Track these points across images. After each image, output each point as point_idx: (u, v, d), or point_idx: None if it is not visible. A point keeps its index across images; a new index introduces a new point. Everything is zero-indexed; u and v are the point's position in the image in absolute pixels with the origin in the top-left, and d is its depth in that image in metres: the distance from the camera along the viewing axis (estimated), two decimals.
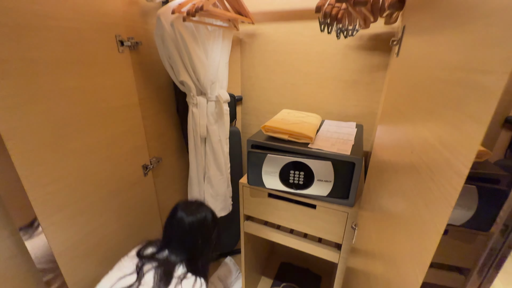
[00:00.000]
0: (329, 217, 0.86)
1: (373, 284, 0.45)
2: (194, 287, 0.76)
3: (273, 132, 0.89)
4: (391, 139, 0.45)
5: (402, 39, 0.50)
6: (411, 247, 0.29)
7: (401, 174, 0.36)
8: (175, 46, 0.94)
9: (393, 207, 0.39)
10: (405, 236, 0.31)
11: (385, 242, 0.41)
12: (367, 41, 1.04)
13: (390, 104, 0.50)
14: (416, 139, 0.32)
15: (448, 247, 0.26)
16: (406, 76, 0.41)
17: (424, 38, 0.35)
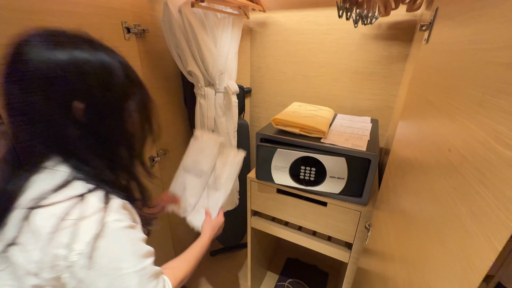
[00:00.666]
0: (340, 216, 0.82)
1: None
2: (102, 233, 0.39)
3: (284, 125, 0.85)
4: (418, 135, 0.41)
5: (434, 23, 0.44)
6: (448, 258, 0.25)
7: (434, 174, 0.31)
8: (183, 34, 0.90)
9: (419, 211, 0.35)
10: (438, 245, 0.27)
11: (408, 247, 0.37)
12: (386, 30, 0.98)
13: (417, 96, 0.45)
14: (456, 134, 0.28)
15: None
16: (441, 64, 0.36)
17: (468, 16, 0.30)
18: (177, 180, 0.87)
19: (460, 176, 0.25)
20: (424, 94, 0.41)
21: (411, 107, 0.48)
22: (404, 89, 0.90)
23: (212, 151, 0.85)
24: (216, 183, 0.83)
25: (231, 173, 0.83)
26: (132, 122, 0.48)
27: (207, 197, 0.84)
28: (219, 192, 0.82)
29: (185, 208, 0.84)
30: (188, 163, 0.87)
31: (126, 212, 0.44)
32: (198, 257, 0.63)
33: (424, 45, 0.48)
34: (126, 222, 0.42)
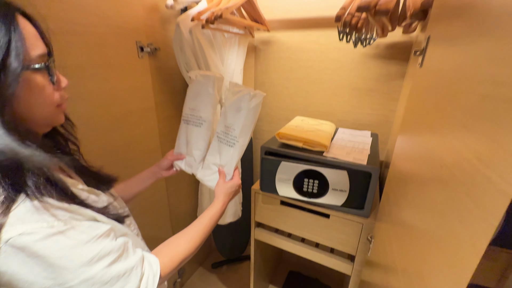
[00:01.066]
0: (343, 228, 0.84)
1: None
2: None
3: (287, 139, 0.89)
4: (415, 151, 0.44)
5: (427, 50, 0.49)
6: (444, 265, 0.28)
7: (430, 187, 0.35)
8: (192, 52, 0.96)
9: (419, 221, 0.38)
10: (436, 254, 0.30)
11: (410, 257, 0.40)
12: (384, 49, 1.04)
13: (413, 114, 0.49)
14: (447, 152, 0.31)
15: (485, 268, 0.25)
16: (433, 87, 0.40)
17: (455, 49, 0.34)
18: (180, 135, 0.81)
19: (450, 189, 0.28)
20: (420, 113, 0.45)
21: (409, 124, 0.51)
22: (402, 105, 0.94)
23: (207, 92, 0.75)
24: (229, 136, 0.72)
25: (247, 122, 0.70)
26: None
27: (219, 153, 0.75)
28: (233, 149, 0.71)
29: (190, 163, 0.78)
30: (186, 112, 0.80)
31: (50, 214, 0.33)
32: (206, 229, 0.57)
33: (418, 68, 0.52)
34: (47, 230, 0.32)
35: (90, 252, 0.35)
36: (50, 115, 0.39)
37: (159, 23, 0.99)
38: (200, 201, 1.31)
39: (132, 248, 0.43)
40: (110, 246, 0.38)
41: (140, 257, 0.43)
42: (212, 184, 0.74)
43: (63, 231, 0.34)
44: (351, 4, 0.70)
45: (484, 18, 0.28)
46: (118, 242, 0.40)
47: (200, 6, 0.96)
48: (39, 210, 0.33)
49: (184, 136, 0.81)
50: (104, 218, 0.42)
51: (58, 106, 0.40)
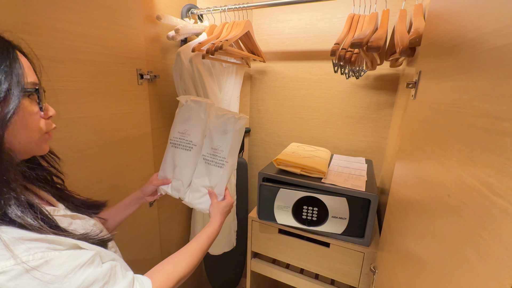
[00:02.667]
0: (343, 257, 0.82)
1: None
2: None
3: (285, 165, 0.89)
4: (416, 179, 0.45)
5: (419, 83, 0.52)
6: None
7: (438, 217, 0.35)
8: (192, 80, 0.99)
9: (429, 252, 0.37)
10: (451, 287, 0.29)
11: None
12: (373, 81, 1.10)
13: (410, 143, 0.51)
14: (453, 182, 0.32)
15: None
16: (430, 119, 0.42)
17: (448, 84, 0.37)
18: (166, 159, 0.79)
19: (462, 220, 0.29)
20: (417, 143, 0.46)
21: (406, 153, 0.53)
22: (393, 133, 0.98)
23: (199, 117, 0.76)
24: (218, 158, 0.74)
25: (234, 143, 0.73)
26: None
27: (207, 175, 0.75)
28: (223, 169, 0.73)
29: (178, 188, 0.77)
30: (175, 136, 0.79)
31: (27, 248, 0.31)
32: (203, 248, 0.57)
33: (411, 100, 0.55)
34: (18, 268, 0.29)
35: (72, 285, 0.33)
36: (33, 141, 0.40)
37: (160, 52, 1.02)
38: (193, 229, 1.25)
39: (121, 271, 0.41)
40: (95, 274, 0.36)
41: (131, 279, 0.41)
42: (203, 206, 0.73)
43: (38, 266, 0.31)
44: (344, 39, 0.75)
45: (474, 57, 0.31)
46: (104, 268, 0.38)
47: (200, 38, 1.00)
48: (10, 245, 0.30)
49: (171, 159, 0.79)
50: (87, 244, 0.39)
51: (44, 135, 0.41)
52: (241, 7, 0.98)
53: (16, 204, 0.33)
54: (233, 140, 0.74)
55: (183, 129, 0.79)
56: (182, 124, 0.79)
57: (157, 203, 1.11)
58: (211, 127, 0.77)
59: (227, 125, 0.74)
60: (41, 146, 0.41)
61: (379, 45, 0.65)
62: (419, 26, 0.63)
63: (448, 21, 0.42)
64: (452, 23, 0.40)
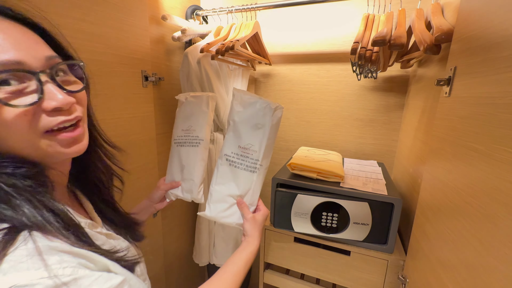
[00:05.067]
0: (365, 266, 0.78)
1: None
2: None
3: (300, 170, 0.85)
4: (466, 179, 0.42)
5: (454, 80, 0.50)
6: None
7: (503, 218, 0.31)
8: (199, 83, 0.94)
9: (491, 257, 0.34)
10: None
11: None
12: (382, 83, 1.09)
13: (451, 143, 0.48)
14: None
15: None
16: (479, 114, 0.40)
17: (508, 75, 0.34)
18: (172, 161, 0.73)
19: None
20: (463, 142, 0.43)
21: (445, 154, 0.50)
22: (407, 135, 0.96)
23: (202, 110, 0.70)
24: (248, 160, 0.59)
25: (270, 141, 0.59)
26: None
27: (234, 180, 0.61)
28: (256, 174, 0.60)
29: (190, 189, 0.69)
30: (179, 134, 0.72)
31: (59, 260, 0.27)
32: (242, 276, 0.48)
33: (444, 97, 0.53)
34: (46, 282, 0.25)
35: None
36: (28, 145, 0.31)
37: (164, 54, 0.98)
38: (198, 240, 1.18)
39: None
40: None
41: None
42: (231, 220, 0.62)
43: (67, 283, 0.26)
44: (363, 38, 0.73)
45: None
46: None
47: (207, 39, 0.97)
48: (42, 254, 0.26)
49: (177, 160, 0.73)
50: (118, 267, 0.35)
51: (45, 134, 0.32)
52: (249, 8, 0.96)
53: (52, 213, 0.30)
54: (269, 138, 0.59)
55: (187, 126, 0.73)
56: (185, 121, 0.74)
57: (160, 213, 1.05)
58: (236, 118, 0.62)
59: (261, 117, 0.59)
60: (46, 151, 0.32)
61: (402, 43, 0.63)
62: (441, 24, 0.62)
63: (494, 12, 0.40)
64: (501, 12, 0.38)
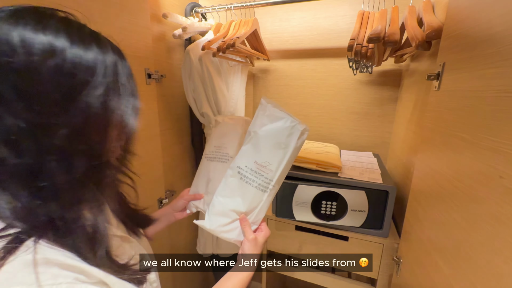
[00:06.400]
0: (362, 250, 0.83)
1: None
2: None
3: (300, 161, 0.89)
4: (454, 166, 0.46)
5: (443, 74, 0.54)
6: None
7: (488, 199, 0.36)
8: (200, 80, 0.97)
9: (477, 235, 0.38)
10: None
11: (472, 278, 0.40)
12: (377, 77, 1.13)
13: (440, 133, 0.53)
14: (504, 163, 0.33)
15: None
16: (466, 106, 0.44)
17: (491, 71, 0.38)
18: (199, 173, 0.73)
19: None
20: (451, 132, 0.48)
21: (435, 143, 0.55)
22: (400, 127, 1.01)
23: (236, 131, 0.74)
24: (262, 177, 0.56)
25: (289, 165, 0.57)
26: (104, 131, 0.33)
27: (241, 195, 0.57)
28: (267, 194, 0.56)
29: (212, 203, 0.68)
30: (210, 150, 0.75)
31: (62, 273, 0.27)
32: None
33: (434, 91, 0.57)
34: None
35: None
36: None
37: (166, 52, 0.99)
38: (201, 231, 1.22)
39: None
40: None
41: None
42: (231, 236, 0.56)
43: None
44: (358, 35, 0.77)
45: None
46: None
47: (207, 36, 0.99)
48: (39, 266, 0.26)
49: (205, 173, 0.74)
50: (117, 281, 0.33)
51: None
52: (247, 5, 0.98)
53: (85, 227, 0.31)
54: (289, 160, 0.56)
55: (219, 143, 0.75)
56: (218, 139, 0.76)
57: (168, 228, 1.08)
58: (259, 131, 0.57)
59: (286, 137, 0.56)
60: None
61: (396, 39, 0.67)
62: (432, 21, 0.66)
63: (477, 13, 0.44)
64: (483, 14, 0.42)
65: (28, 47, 0.26)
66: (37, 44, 0.27)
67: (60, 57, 0.28)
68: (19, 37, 0.26)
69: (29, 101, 0.26)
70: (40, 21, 0.28)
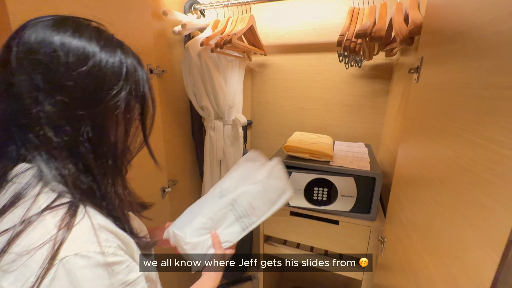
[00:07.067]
0: (352, 232, 0.89)
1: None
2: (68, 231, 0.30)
3: (294, 151, 0.95)
4: (427, 151, 0.52)
5: (421, 68, 0.59)
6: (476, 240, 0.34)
7: (451, 176, 0.41)
8: (200, 74, 1.02)
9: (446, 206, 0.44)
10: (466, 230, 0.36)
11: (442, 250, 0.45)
12: (369, 70, 1.17)
13: (417, 122, 0.58)
14: (463, 146, 0.39)
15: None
16: (437, 97, 0.49)
17: (457, 65, 0.43)
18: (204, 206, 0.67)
19: (473, 174, 0.35)
20: (426, 121, 0.53)
21: (413, 131, 0.60)
22: (390, 118, 1.06)
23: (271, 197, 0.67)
24: (247, 219, 0.63)
25: (268, 216, 0.65)
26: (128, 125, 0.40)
27: (225, 223, 0.62)
28: (244, 232, 0.62)
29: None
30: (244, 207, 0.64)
31: (107, 238, 0.33)
32: None
33: (414, 84, 0.62)
34: (97, 258, 0.30)
35: None
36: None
37: (166, 48, 1.04)
38: None
39: None
40: None
41: None
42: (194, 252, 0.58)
43: (110, 264, 0.32)
44: (347, 31, 0.81)
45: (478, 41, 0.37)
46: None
47: (205, 33, 1.03)
48: (97, 230, 0.32)
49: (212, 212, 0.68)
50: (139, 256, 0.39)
51: None
52: (244, 2, 1.02)
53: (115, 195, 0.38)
54: (272, 213, 0.65)
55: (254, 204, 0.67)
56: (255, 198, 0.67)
57: (168, 195, 1.14)
58: (263, 178, 0.65)
59: (280, 196, 0.66)
60: None
61: (381, 35, 0.72)
62: (416, 17, 0.70)
63: (450, 12, 0.49)
64: (454, 13, 0.47)
65: (66, 49, 0.33)
66: (73, 47, 0.33)
67: (91, 60, 0.34)
68: (60, 41, 0.32)
69: (65, 94, 0.33)
70: (78, 29, 0.34)
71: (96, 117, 0.35)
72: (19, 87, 0.32)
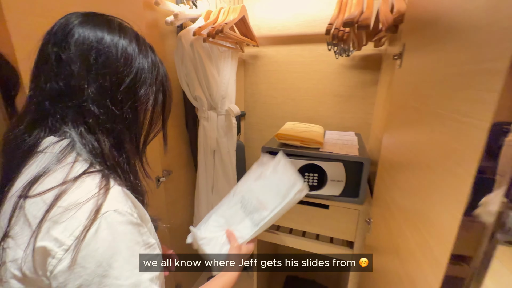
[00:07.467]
0: (341, 216, 0.93)
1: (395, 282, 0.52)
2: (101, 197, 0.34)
3: (286, 139, 0.97)
4: (407, 130, 0.55)
5: (404, 54, 0.62)
6: None
7: (424, 147, 0.45)
8: (192, 64, 1.03)
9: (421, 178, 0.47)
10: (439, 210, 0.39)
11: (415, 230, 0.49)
12: (359, 61, 1.20)
13: (399, 104, 0.61)
14: (433, 118, 0.42)
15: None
16: (415, 79, 0.52)
17: (431, 48, 0.46)
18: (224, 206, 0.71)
19: (443, 145, 0.38)
20: (406, 102, 0.56)
21: (396, 113, 0.63)
22: (379, 107, 1.10)
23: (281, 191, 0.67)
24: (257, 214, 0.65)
25: (281, 212, 0.65)
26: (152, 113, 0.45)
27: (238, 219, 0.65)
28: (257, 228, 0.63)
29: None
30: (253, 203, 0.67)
31: (131, 205, 0.37)
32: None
33: (398, 69, 0.65)
34: (129, 217, 0.35)
35: (147, 258, 0.36)
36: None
37: (159, 38, 1.05)
38: (197, 210, 1.32)
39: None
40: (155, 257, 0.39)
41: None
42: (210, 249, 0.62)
43: (138, 224, 0.36)
44: (336, 20, 0.84)
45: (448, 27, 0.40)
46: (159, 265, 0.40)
47: (198, 23, 1.04)
48: (126, 196, 0.37)
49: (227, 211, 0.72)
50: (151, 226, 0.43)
51: None
52: None
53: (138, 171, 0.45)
54: (283, 209, 0.64)
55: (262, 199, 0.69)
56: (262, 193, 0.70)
57: (163, 185, 1.16)
58: (268, 174, 0.68)
59: (289, 189, 0.65)
60: None
61: (368, 24, 0.74)
62: (400, 6, 0.73)
63: None
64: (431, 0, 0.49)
65: (99, 42, 0.38)
66: (105, 41, 0.38)
67: (122, 51, 0.39)
68: (111, 40, 0.38)
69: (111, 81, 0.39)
70: (106, 23, 0.40)
71: (133, 103, 0.41)
72: (74, 70, 0.36)
